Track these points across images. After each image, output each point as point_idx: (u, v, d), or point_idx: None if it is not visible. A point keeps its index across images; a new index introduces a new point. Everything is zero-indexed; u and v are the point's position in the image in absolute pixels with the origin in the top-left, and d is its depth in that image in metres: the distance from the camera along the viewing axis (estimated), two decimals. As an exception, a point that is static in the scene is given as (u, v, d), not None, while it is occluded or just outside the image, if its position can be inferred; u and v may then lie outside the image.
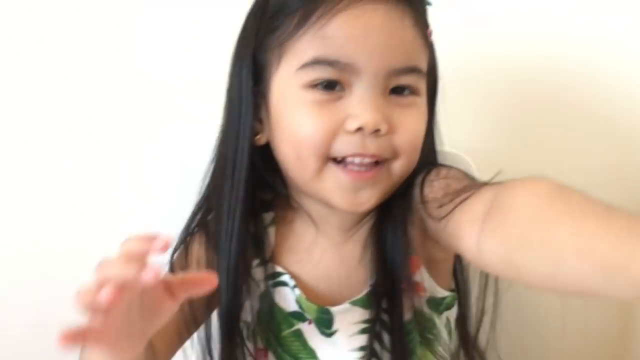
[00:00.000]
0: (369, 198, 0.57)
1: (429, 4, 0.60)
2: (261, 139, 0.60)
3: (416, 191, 0.59)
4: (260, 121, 0.60)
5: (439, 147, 0.67)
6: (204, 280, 0.47)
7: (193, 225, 0.63)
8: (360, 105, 0.53)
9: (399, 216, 0.59)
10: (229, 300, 0.59)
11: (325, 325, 0.61)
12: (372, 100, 0.53)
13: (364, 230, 0.62)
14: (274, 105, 0.57)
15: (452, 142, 0.71)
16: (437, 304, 0.63)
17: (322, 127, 0.53)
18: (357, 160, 0.55)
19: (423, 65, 0.56)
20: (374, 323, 0.59)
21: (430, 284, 0.62)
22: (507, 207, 0.44)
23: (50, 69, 0.95)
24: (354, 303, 0.60)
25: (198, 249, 0.63)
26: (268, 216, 0.66)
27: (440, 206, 0.54)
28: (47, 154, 0.97)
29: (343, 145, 0.54)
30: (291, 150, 0.56)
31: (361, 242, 0.62)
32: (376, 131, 0.53)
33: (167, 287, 0.46)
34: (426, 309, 0.62)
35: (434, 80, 0.62)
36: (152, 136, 0.95)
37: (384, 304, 0.59)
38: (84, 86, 0.96)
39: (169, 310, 0.47)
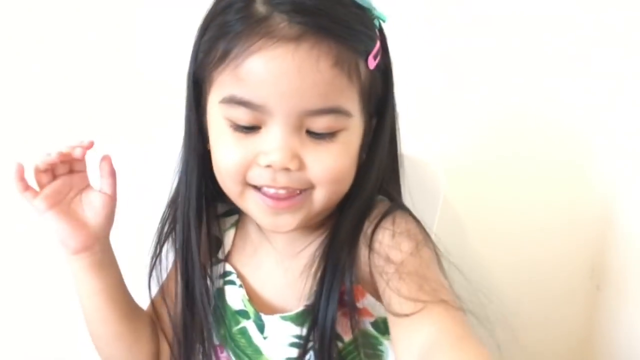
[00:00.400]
0: (289, 222, 0.58)
1: (382, 20, 0.58)
2: None
3: (368, 229, 0.59)
4: None
5: (410, 154, 0.67)
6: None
7: (164, 230, 0.66)
8: (271, 144, 0.54)
9: (346, 246, 0.59)
10: (185, 300, 0.64)
11: (259, 330, 0.64)
12: (283, 139, 0.54)
13: (310, 249, 0.63)
14: (208, 123, 0.59)
15: (425, 149, 0.72)
16: (387, 324, 0.62)
17: (236, 159, 0.56)
18: (271, 190, 0.56)
19: (345, 102, 0.55)
20: (305, 341, 0.60)
21: (378, 308, 0.61)
22: None
23: (50, 68, 0.95)
24: (284, 318, 0.62)
25: (171, 253, 0.67)
26: (232, 219, 0.70)
27: (381, 273, 0.55)
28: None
29: (256, 177, 0.56)
30: (217, 172, 0.59)
31: (306, 260, 0.62)
32: (286, 169, 0.54)
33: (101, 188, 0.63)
34: (371, 330, 0.62)
35: (383, 97, 0.61)
36: (152, 136, 0.95)
37: (317, 325, 0.59)
38: (84, 86, 0.96)
39: (104, 201, 0.62)
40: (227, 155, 0.56)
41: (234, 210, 0.69)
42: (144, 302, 0.68)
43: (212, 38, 0.55)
